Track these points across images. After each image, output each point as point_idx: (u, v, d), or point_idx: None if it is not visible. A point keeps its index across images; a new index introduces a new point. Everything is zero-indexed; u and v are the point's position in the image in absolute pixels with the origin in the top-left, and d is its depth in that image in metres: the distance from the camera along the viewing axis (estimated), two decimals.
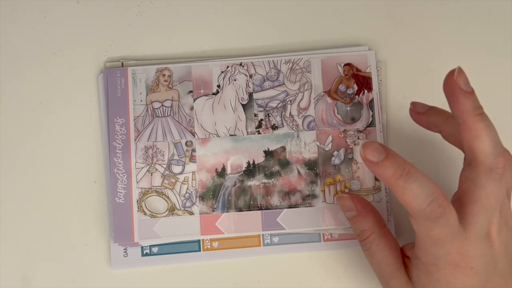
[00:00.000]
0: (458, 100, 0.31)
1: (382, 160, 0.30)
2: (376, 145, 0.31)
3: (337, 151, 0.41)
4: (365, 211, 0.36)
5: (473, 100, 0.31)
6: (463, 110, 0.31)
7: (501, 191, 0.32)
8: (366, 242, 0.35)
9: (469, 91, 0.31)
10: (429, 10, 0.43)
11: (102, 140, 0.41)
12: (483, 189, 0.31)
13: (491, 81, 0.42)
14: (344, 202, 0.37)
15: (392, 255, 0.34)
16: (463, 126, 0.32)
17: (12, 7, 0.43)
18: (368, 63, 0.41)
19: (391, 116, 0.42)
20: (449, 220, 0.30)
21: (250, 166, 0.41)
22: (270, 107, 0.41)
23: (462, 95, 0.31)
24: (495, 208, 0.32)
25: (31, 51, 0.42)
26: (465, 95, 0.31)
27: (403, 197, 0.30)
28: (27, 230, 0.41)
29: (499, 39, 0.43)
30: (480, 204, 0.32)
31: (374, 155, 0.30)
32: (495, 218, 0.32)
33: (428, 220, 0.30)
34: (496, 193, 0.32)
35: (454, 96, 0.31)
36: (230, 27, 0.43)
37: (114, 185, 0.40)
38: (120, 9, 0.43)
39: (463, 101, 0.31)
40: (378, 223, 0.36)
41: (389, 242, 0.35)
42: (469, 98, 0.31)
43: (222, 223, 0.40)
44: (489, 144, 0.31)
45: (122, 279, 0.40)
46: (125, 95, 0.41)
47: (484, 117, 0.32)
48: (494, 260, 0.32)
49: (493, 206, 0.32)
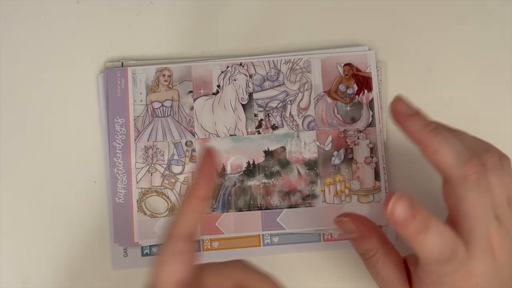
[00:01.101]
0: (406, 124, 0.32)
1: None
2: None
3: (337, 151, 0.41)
4: (367, 231, 0.35)
5: (420, 120, 0.32)
6: (414, 132, 0.32)
7: (486, 198, 0.31)
8: (371, 261, 0.35)
9: (413, 113, 0.32)
10: (429, 10, 0.43)
11: (102, 140, 0.41)
12: (465, 200, 0.31)
13: (491, 81, 0.42)
14: (344, 226, 0.36)
15: (397, 271, 0.34)
16: (421, 146, 0.32)
17: (12, 7, 0.43)
18: (368, 63, 0.41)
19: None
20: (458, 258, 0.30)
21: (250, 166, 0.41)
22: (270, 107, 0.41)
23: (408, 119, 0.32)
24: (487, 217, 0.31)
25: (31, 51, 0.42)
26: (410, 118, 0.32)
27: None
28: (27, 230, 0.41)
29: (499, 39, 0.43)
30: (470, 216, 0.31)
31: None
32: (493, 228, 0.31)
33: (440, 265, 0.30)
34: (479, 200, 0.31)
35: (401, 122, 0.32)
36: (230, 27, 0.43)
37: (114, 185, 0.40)
38: (120, 9, 0.43)
39: (410, 124, 0.32)
40: (381, 241, 0.35)
41: (394, 259, 0.34)
42: (416, 119, 0.32)
43: (222, 223, 0.40)
44: (450, 155, 0.31)
45: (122, 279, 0.40)
46: (125, 95, 0.41)
47: (438, 131, 0.32)
48: (498, 272, 0.31)
49: (484, 215, 0.31)
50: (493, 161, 0.32)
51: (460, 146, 0.31)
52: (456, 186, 0.31)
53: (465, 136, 0.33)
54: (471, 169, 0.31)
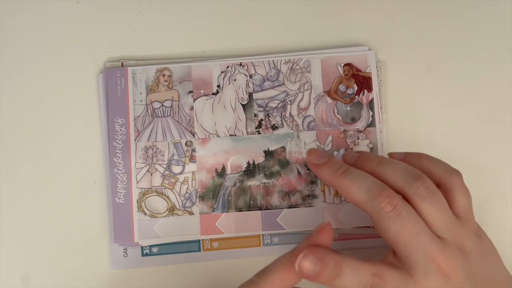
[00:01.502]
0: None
1: (324, 162, 0.35)
2: (319, 151, 0.36)
3: (337, 151, 0.41)
4: None
5: (330, 167, 0.34)
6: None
7: (412, 224, 0.31)
8: None
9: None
10: (429, 10, 0.43)
11: (102, 140, 0.41)
12: (390, 231, 0.32)
13: (491, 81, 0.42)
14: None
15: None
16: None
17: (12, 7, 0.43)
18: (368, 63, 0.41)
19: (391, 116, 0.42)
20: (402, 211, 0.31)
21: (250, 166, 0.41)
22: (270, 107, 0.41)
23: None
24: (421, 241, 0.31)
25: (31, 51, 0.42)
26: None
27: (348, 193, 0.33)
28: (27, 230, 0.41)
29: (499, 39, 0.43)
30: (400, 244, 0.31)
31: (318, 159, 0.35)
32: (435, 250, 0.31)
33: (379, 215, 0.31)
34: (404, 228, 0.31)
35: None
36: (230, 27, 0.43)
37: (114, 185, 0.40)
38: (120, 9, 0.43)
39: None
40: None
41: None
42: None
43: (222, 223, 0.40)
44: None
45: (122, 279, 0.40)
46: (125, 95, 0.41)
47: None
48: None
49: (416, 240, 0.31)
50: (423, 189, 0.32)
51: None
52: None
53: (394, 167, 0.33)
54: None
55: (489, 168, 0.41)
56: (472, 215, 0.34)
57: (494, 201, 0.41)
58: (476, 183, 0.37)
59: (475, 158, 0.41)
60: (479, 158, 0.42)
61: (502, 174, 0.42)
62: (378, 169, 0.34)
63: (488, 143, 0.42)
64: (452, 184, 0.34)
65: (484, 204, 0.41)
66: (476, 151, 0.42)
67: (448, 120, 0.42)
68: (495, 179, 0.41)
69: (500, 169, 0.42)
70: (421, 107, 0.42)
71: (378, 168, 0.34)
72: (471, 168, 0.41)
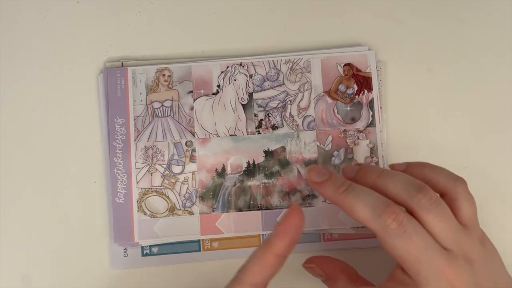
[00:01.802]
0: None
1: (325, 180, 0.34)
2: (320, 168, 0.35)
3: (337, 151, 0.41)
4: (334, 273, 0.36)
5: (331, 184, 0.33)
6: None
7: (419, 239, 0.31)
8: None
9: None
10: (429, 10, 0.43)
11: (102, 140, 0.41)
12: (397, 249, 0.31)
13: (491, 81, 0.42)
14: (311, 272, 0.37)
15: None
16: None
17: (12, 7, 0.43)
18: (368, 63, 0.41)
19: (391, 116, 0.42)
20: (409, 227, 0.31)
21: (250, 166, 0.41)
22: (270, 107, 0.41)
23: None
24: (429, 256, 0.31)
25: (31, 51, 0.42)
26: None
27: (351, 211, 0.32)
28: (27, 230, 0.41)
29: (499, 39, 0.43)
30: (409, 261, 0.31)
31: (318, 176, 0.34)
32: (443, 263, 0.31)
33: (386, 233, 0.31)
34: (411, 244, 0.31)
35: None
36: (230, 27, 0.43)
37: (114, 185, 0.40)
38: (120, 9, 0.43)
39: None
40: (349, 279, 0.35)
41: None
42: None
43: (222, 223, 0.40)
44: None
45: (122, 279, 0.40)
46: (125, 95, 0.41)
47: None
48: None
49: (424, 255, 0.31)
50: (426, 200, 0.32)
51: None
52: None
53: (395, 179, 0.33)
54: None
55: (489, 168, 0.41)
56: (477, 223, 0.34)
57: (494, 201, 0.41)
58: (476, 183, 0.36)
59: (475, 158, 0.41)
60: (479, 158, 0.42)
61: (502, 174, 0.42)
62: (379, 182, 0.33)
63: (488, 143, 0.42)
64: (457, 193, 0.33)
65: (484, 204, 0.41)
66: (476, 151, 0.42)
67: (448, 120, 0.42)
68: (495, 179, 0.41)
69: (500, 169, 0.42)
70: (421, 107, 0.42)
71: (379, 181, 0.33)
72: (471, 168, 0.41)
